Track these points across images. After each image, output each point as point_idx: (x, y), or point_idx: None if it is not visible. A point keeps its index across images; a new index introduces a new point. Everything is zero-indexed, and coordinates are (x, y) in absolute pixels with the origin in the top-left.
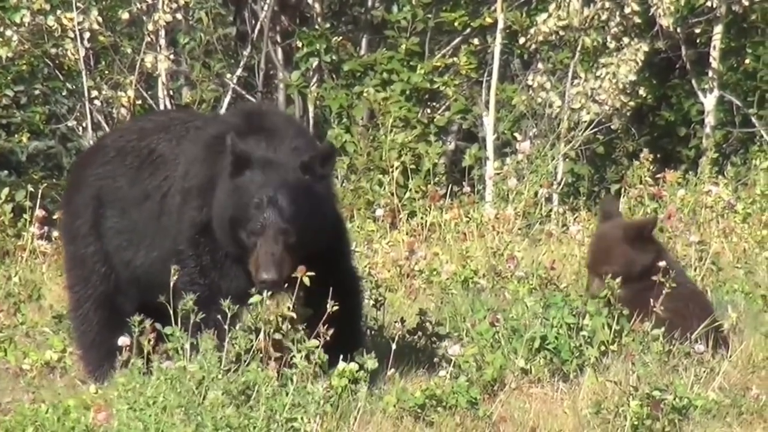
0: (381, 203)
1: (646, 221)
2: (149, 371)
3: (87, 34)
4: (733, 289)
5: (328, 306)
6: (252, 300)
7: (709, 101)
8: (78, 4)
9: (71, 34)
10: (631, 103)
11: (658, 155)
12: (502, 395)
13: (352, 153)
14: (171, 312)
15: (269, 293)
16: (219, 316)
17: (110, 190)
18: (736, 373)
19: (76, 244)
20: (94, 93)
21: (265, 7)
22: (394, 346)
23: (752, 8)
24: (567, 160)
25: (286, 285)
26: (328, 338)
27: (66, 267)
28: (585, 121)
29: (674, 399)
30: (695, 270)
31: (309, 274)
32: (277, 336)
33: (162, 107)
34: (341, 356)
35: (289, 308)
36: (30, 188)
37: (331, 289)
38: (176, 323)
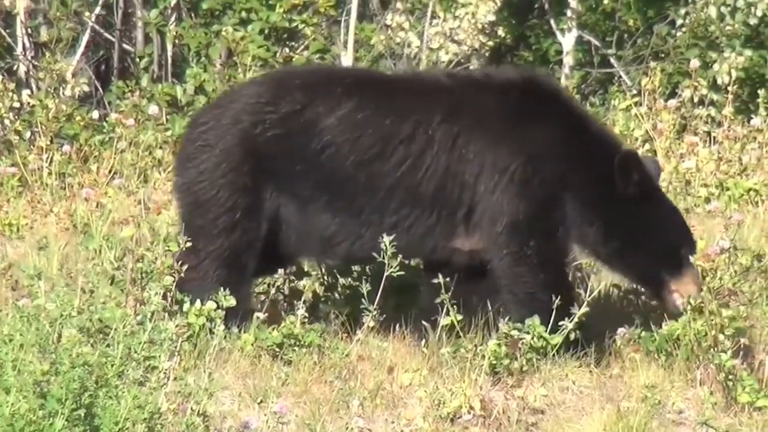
0: None
1: None
2: None
3: None
4: None
5: None
6: None
7: (567, 41)
8: None
9: None
10: (490, 43)
11: None
12: (360, 334)
13: (210, 92)
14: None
15: None
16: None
17: (289, 159)
18: (594, 312)
19: (204, 206)
20: None
21: None
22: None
23: None
24: None
25: None
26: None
27: (184, 225)
28: (444, 61)
29: (532, 338)
30: None
31: None
32: None
33: (20, 46)
34: None
35: None
36: None
37: None
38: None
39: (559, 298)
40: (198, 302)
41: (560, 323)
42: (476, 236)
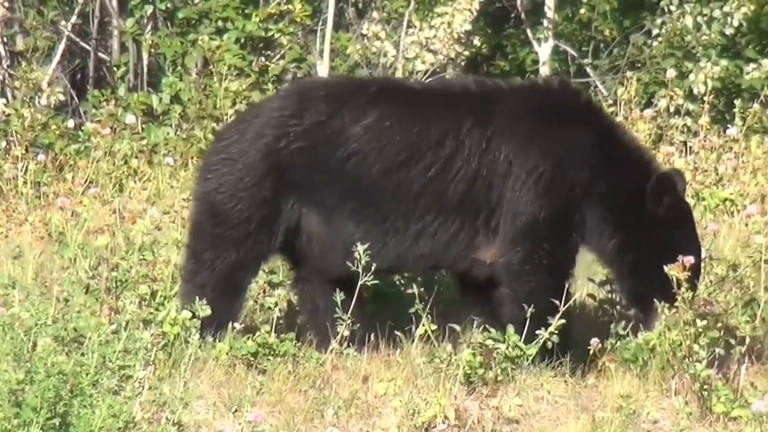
0: None
1: None
2: None
3: None
4: None
5: None
6: None
7: (544, 51)
8: None
9: None
10: (466, 53)
11: None
12: (335, 344)
13: (185, 101)
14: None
15: None
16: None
17: (313, 170)
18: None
19: (221, 215)
20: None
21: None
22: None
23: None
24: None
25: None
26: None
27: (194, 233)
28: (419, 71)
29: (507, 348)
30: None
31: None
32: None
33: None
34: None
35: None
36: None
37: None
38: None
39: (556, 303)
40: (173, 310)
41: (550, 330)
42: (497, 243)
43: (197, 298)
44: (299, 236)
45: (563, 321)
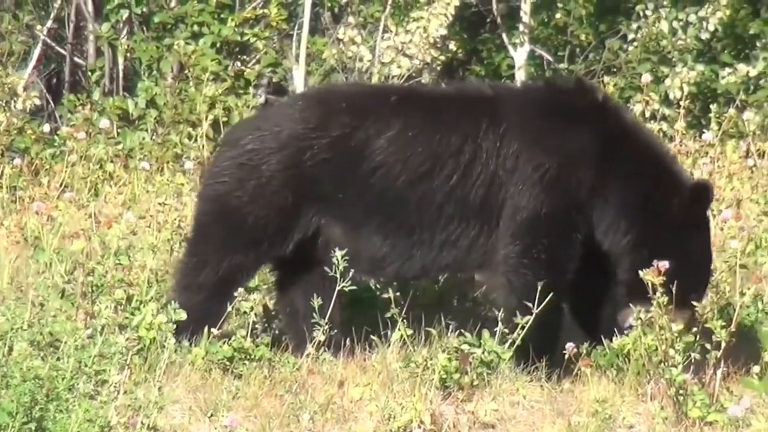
0: (191, 156)
1: None
2: None
3: None
4: None
5: None
6: None
7: (519, 55)
8: None
9: None
10: (442, 58)
11: None
12: (311, 348)
13: (161, 106)
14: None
15: None
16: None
17: (336, 183)
18: None
19: (234, 218)
20: None
21: None
22: None
23: None
24: None
25: None
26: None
27: (200, 233)
28: (395, 76)
29: (483, 353)
30: None
31: None
32: None
33: None
34: None
35: None
36: None
37: None
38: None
39: (551, 300)
40: (149, 315)
41: (546, 323)
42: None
43: (191, 296)
44: (315, 241)
45: (556, 320)
